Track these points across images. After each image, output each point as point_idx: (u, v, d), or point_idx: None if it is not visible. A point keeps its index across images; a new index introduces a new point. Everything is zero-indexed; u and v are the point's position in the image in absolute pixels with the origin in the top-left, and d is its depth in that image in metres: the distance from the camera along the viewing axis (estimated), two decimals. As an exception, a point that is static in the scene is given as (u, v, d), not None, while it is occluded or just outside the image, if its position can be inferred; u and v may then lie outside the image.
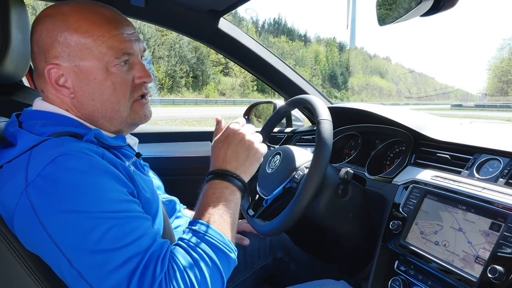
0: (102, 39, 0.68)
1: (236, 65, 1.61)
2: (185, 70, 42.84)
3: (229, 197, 0.71)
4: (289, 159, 1.03)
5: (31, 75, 1.50)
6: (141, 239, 0.59)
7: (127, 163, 0.72)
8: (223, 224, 0.67)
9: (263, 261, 1.16)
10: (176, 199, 1.07)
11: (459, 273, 0.71)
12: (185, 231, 0.66)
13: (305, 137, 1.56)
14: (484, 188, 0.76)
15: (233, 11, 1.39)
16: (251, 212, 1.09)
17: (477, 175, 0.81)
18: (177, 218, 1.01)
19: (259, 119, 1.95)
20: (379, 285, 0.88)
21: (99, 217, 0.58)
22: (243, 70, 1.67)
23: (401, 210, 0.88)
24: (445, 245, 0.76)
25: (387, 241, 0.88)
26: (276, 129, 1.72)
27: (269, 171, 1.07)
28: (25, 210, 0.58)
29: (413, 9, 0.71)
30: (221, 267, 0.62)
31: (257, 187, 1.10)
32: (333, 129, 0.91)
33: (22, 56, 0.94)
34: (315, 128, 0.91)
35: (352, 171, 0.93)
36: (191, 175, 1.60)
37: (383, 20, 0.82)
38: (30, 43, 0.71)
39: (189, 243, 0.63)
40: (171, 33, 36.94)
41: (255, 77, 1.63)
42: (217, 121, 0.86)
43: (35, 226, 0.58)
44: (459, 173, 0.85)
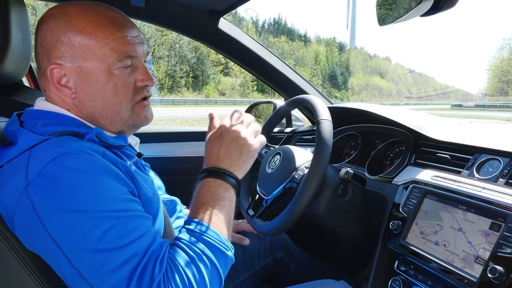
0: (105, 41, 0.68)
1: (236, 65, 1.61)
2: (185, 70, 42.83)
3: (223, 195, 0.70)
4: (289, 159, 1.03)
5: (31, 75, 1.51)
6: (141, 239, 0.59)
7: (128, 163, 0.72)
8: (218, 222, 0.67)
9: (263, 261, 1.16)
10: (177, 199, 1.07)
11: (459, 273, 0.71)
12: (181, 231, 0.66)
13: (305, 137, 1.56)
14: (484, 188, 0.76)
15: (233, 11, 1.39)
16: (251, 212, 1.09)
17: (477, 175, 0.81)
18: (178, 218, 1.01)
19: (259, 119, 1.95)
20: (379, 285, 0.88)
21: (100, 217, 0.58)
22: (243, 70, 1.67)
23: (401, 210, 0.88)
24: (445, 245, 0.76)
25: (387, 241, 0.89)
26: (276, 129, 1.72)
27: (269, 171, 1.07)
28: (25, 209, 0.58)
29: (413, 9, 0.71)
30: (219, 265, 0.62)
31: (257, 187, 1.10)
32: (333, 129, 0.91)
33: (22, 56, 0.94)
34: (315, 128, 0.91)
35: (352, 171, 0.93)
36: (191, 175, 1.59)
37: (383, 20, 0.82)
38: (34, 42, 0.72)
39: (186, 242, 0.62)
40: (171, 33, 36.94)
41: (255, 77, 1.63)
42: (210, 118, 0.85)
43: (35, 225, 0.58)
44: (459, 173, 0.85)
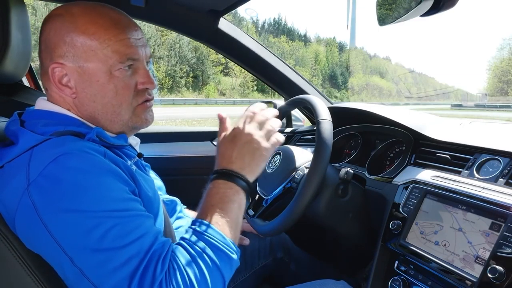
0: (108, 42, 0.68)
1: (236, 65, 1.61)
2: (185, 70, 42.82)
3: (232, 197, 0.70)
4: (289, 159, 1.03)
5: (31, 75, 1.51)
6: (143, 238, 0.59)
7: (129, 163, 0.72)
8: (225, 224, 0.66)
9: (263, 261, 1.16)
10: (177, 199, 1.07)
11: (459, 273, 0.71)
12: (187, 231, 0.66)
13: (305, 137, 1.56)
14: (484, 188, 0.76)
15: (233, 11, 1.39)
16: (251, 212, 1.09)
17: (477, 175, 0.81)
18: (178, 218, 1.01)
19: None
20: (379, 285, 0.88)
21: (101, 216, 0.58)
22: (243, 70, 1.67)
23: (401, 210, 0.88)
24: (445, 245, 0.76)
25: (387, 241, 0.89)
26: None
27: (269, 171, 1.07)
28: (27, 209, 0.58)
29: (413, 9, 0.71)
30: (222, 268, 0.62)
31: (257, 187, 1.10)
32: (333, 129, 0.91)
33: (22, 56, 0.94)
34: (315, 128, 0.91)
35: (352, 171, 0.93)
36: (191, 175, 1.60)
37: (383, 20, 0.82)
38: (39, 41, 0.72)
39: (190, 243, 0.62)
40: (171, 33, 36.95)
41: (255, 77, 1.63)
42: (220, 118, 0.83)
43: (37, 225, 0.58)
44: (459, 173, 0.85)
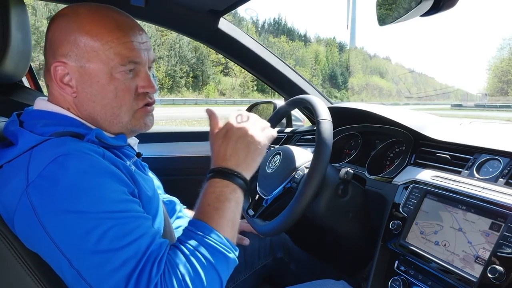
0: (110, 44, 0.69)
1: (236, 65, 1.61)
2: (185, 70, 42.80)
3: (229, 195, 0.69)
4: (289, 159, 1.03)
5: (31, 75, 1.51)
6: (140, 239, 0.59)
7: (128, 163, 0.72)
8: (221, 223, 0.66)
9: (263, 261, 1.16)
10: (176, 199, 1.07)
11: (459, 273, 0.71)
12: (184, 232, 0.66)
13: (305, 137, 1.56)
14: (484, 188, 0.76)
15: (233, 11, 1.39)
16: (251, 212, 1.09)
17: (477, 175, 0.81)
18: (178, 218, 1.01)
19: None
20: (379, 285, 0.88)
21: (99, 218, 0.58)
22: (243, 70, 1.67)
23: (401, 210, 0.88)
24: (445, 245, 0.76)
25: (387, 241, 0.89)
26: (276, 129, 1.72)
27: (269, 171, 1.07)
28: (25, 210, 0.58)
29: (413, 9, 0.71)
30: (218, 268, 0.62)
31: (257, 187, 1.10)
32: (333, 129, 0.91)
33: (22, 56, 0.94)
34: (315, 128, 0.91)
35: (352, 171, 0.93)
36: (191, 175, 1.60)
37: (383, 20, 0.82)
38: (45, 39, 0.73)
39: (186, 244, 0.62)
40: (171, 33, 36.94)
41: (255, 77, 1.63)
42: (209, 114, 0.80)
43: (35, 226, 0.58)
44: (459, 173, 0.85)
